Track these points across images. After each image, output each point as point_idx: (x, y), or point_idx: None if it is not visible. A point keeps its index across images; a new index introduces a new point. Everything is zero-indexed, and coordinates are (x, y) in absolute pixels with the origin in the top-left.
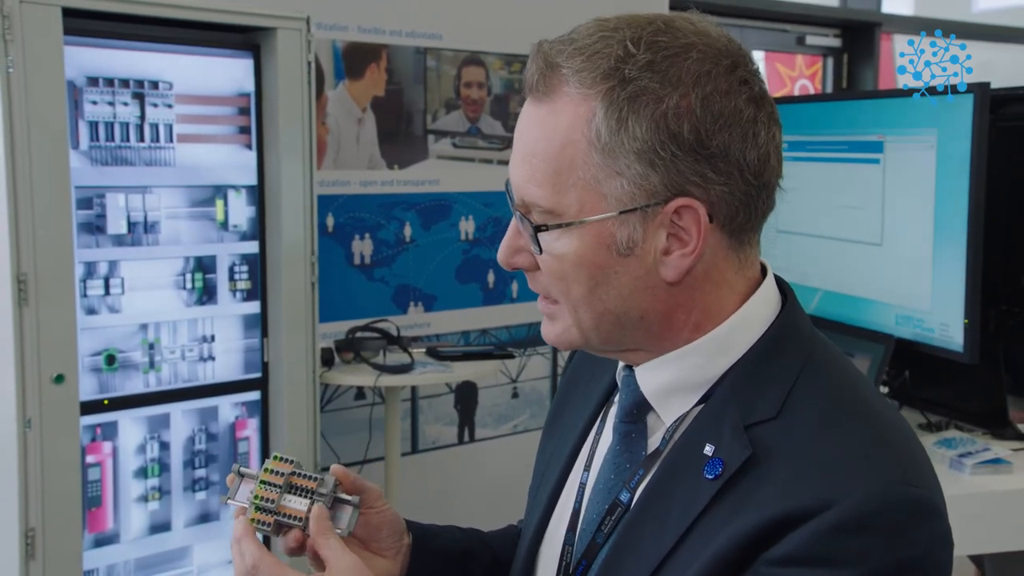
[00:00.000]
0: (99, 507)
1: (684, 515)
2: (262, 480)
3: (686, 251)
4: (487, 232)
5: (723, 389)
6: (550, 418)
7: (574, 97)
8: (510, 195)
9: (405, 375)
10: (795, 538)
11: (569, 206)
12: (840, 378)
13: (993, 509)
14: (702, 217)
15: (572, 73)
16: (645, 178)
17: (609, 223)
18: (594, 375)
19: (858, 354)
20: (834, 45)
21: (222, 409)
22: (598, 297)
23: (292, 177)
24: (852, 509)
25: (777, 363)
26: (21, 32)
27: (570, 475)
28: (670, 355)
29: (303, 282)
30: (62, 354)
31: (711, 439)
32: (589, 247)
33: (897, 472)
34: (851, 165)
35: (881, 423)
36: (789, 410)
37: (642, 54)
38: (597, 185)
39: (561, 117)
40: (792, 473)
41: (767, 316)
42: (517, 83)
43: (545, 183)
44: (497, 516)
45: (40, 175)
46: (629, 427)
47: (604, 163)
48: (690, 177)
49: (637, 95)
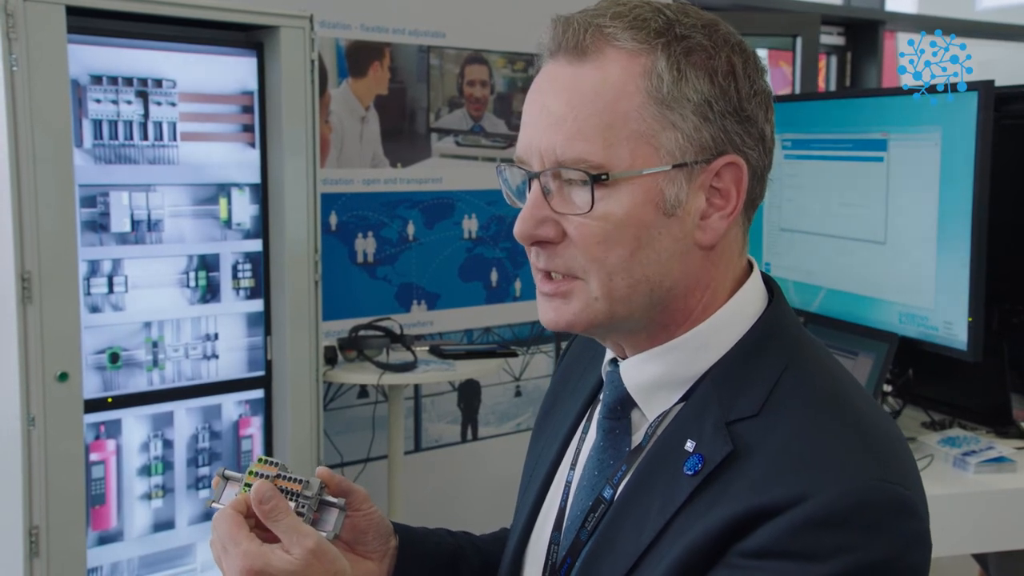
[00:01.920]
0: (103, 505)
1: (663, 510)
2: (247, 483)
3: (725, 212)
4: (490, 231)
5: (706, 385)
6: (539, 419)
7: (625, 53)
8: (524, 166)
9: (408, 373)
10: (768, 530)
11: (621, 159)
12: (825, 378)
13: (997, 507)
14: (744, 175)
15: (620, 31)
16: (698, 132)
17: (660, 178)
18: (583, 375)
19: (861, 352)
20: (838, 43)
21: (225, 407)
22: (639, 261)
23: (295, 175)
24: (827, 504)
25: (761, 361)
26: (25, 30)
27: (556, 474)
28: (656, 350)
29: (306, 280)
30: (66, 352)
31: (692, 435)
32: (639, 203)
33: (876, 470)
34: (855, 163)
35: (865, 423)
36: (771, 408)
37: (685, 19)
38: (652, 137)
39: (610, 72)
40: (768, 468)
41: (752, 314)
42: (520, 81)
43: (595, 137)
44: (500, 514)
45: (44, 173)
46: (613, 423)
47: (661, 114)
48: (733, 137)
49: (692, 50)
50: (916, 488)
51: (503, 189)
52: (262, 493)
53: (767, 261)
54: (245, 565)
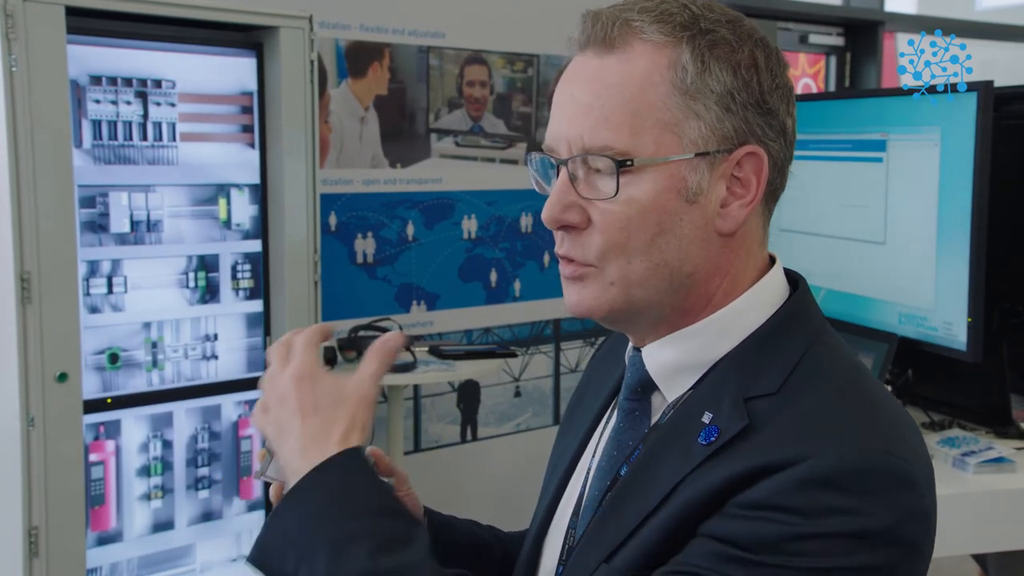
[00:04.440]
0: (102, 505)
1: (672, 476)
2: None
3: (745, 200)
4: (490, 231)
5: (725, 364)
6: (564, 418)
7: (651, 45)
8: (553, 154)
9: (408, 374)
10: (768, 484)
11: (646, 147)
12: (844, 364)
13: (996, 508)
14: (765, 165)
15: (647, 24)
16: (720, 122)
17: (683, 165)
18: (607, 374)
19: (861, 353)
20: (837, 44)
21: (225, 408)
22: (658, 247)
23: (295, 176)
24: (828, 466)
25: (783, 343)
26: (25, 31)
27: (578, 464)
28: (677, 334)
29: (306, 281)
30: (65, 352)
31: (711, 408)
32: (662, 189)
33: (879, 441)
34: (854, 164)
35: (878, 405)
36: (790, 387)
37: (710, 13)
38: (676, 126)
39: (636, 63)
40: (776, 435)
41: (773, 302)
42: (519, 82)
43: (622, 125)
44: (500, 514)
45: (43, 174)
46: (633, 404)
47: (685, 104)
48: (754, 128)
49: (716, 43)
50: (919, 465)
51: (531, 176)
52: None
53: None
54: (298, 371)
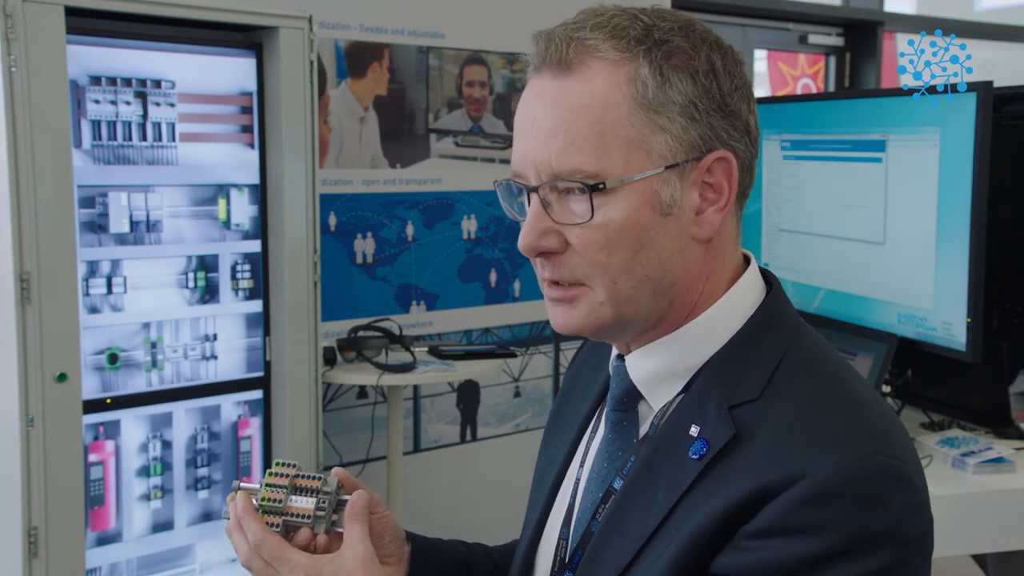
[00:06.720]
0: (101, 506)
1: (669, 494)
2: (267, 483)
3: (719, 205)
4: (489, 231)
5: (708, 373)
6: (548, 424)
7: (608, 63)
8: (522, 180)
9: (407, 374)
10: (770, 511)
11: (615, 167)
12: (822, 362)
13: (996, 508)
14: (734, 168)
15: (602, 42)
16: (686, 132)
17: (654, 180)
18: (591, 378)
19: (861, 353)
20: (837, 44)
21: (224, 408)
22: (639, 263)
23: (294, 176)
24: (822, 480)
25: (762, 347)
26: (24, 31)
27: (567, 474)
28: (659, 342)
29: (305, 281)
30: (65, 353)
31: (696, 420)
32: (636, 207)
33: (869, 444)
34: (854, 164)
35: (861, 403)
36: (771, 392)
37: (662, 23)
38: (642, 142)
39: (595, 83)
40: (768, 448)
41: (750, 304)
42: (519, 82)
43: (588, 147)
44: (499, 515)
45: (43, 174)
46: (620, 416)
47: (649, 119)
48: (719, 133)
49: (673, 53)
50: (910, 461)
51: (503, 204)
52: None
53: (766, 261)
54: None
